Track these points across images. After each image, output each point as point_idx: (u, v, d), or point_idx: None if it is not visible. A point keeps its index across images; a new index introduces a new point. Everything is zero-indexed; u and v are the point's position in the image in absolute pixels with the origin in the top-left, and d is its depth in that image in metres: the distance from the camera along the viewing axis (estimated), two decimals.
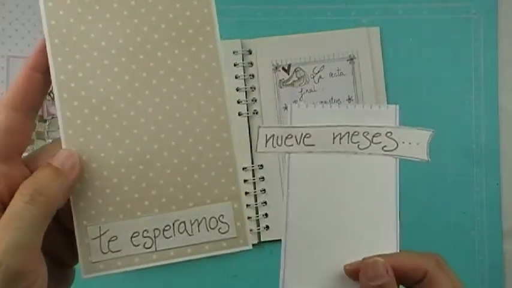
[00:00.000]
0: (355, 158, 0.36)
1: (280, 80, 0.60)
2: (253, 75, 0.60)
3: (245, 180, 0.58)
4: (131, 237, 0.30)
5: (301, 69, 0.60)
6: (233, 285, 0.54)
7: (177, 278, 0.58)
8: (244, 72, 0.59)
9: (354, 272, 0.34)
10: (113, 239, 0.30)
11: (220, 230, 0.31)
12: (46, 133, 0.57)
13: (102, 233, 0.30)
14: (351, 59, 0.60)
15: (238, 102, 0.59)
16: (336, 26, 0.61)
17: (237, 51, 0.59)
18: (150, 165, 0.31)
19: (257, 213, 0.58)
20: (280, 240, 0.61)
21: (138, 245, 0.30)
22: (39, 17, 0.60)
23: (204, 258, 0.31)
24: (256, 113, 0.59)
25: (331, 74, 0.60)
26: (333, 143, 0.36)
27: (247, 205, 0.58)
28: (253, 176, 0.59)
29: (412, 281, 0.33)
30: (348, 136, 0.36)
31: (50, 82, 0.31)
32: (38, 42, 0.31)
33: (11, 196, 0.28)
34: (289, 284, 0.36)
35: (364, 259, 0.34)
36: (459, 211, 0.61)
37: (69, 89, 0.31)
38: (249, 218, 0.58)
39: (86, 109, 0.31)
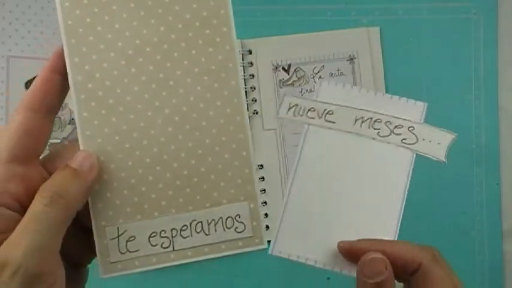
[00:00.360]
0: (372, 144, 0.36)
1: (280, 80, 0.60)
2: (253, 75, 0.60)
3: None
4: (149, 238, 0.30)
5: (301, 69, 0.60)
6: (235, 284, 0.54)
7: (179, 276, 0.58)
8: (244, 72, 0.59)
9: (347, 251, 0.33)
10: (131, 239, 0.30)
11: (236, 230, 0.31)
12: None
13: (120, 233, 0.30)
14: (351, 59, 0.60)
15: None
16: (336, 26, 0.61)
17: None
18: (167, 165, 0.31)
19: None
20: None
21: (155, 245, 0.30)
22: (39, 17, 0.60)
23: None
24: (256, 113, 0.59)
25: (331, 74, 0.60)
26: (354, 124, 0.36)
27: None
28: None
29: (406, 272, 0.33)
30: (370, 121, 0.36)
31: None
32: (57, 46, 0.31)
33: (30, 198, 0.28)
34: (280, 247, 0.35)
35: (359, 241, 0.33)
36: (459, 211, 0.61)
37: (86, 90, 0.30)
38: None
39: (103, 110, 0.30)
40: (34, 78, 0.62)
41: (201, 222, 0.31)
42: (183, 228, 0.31)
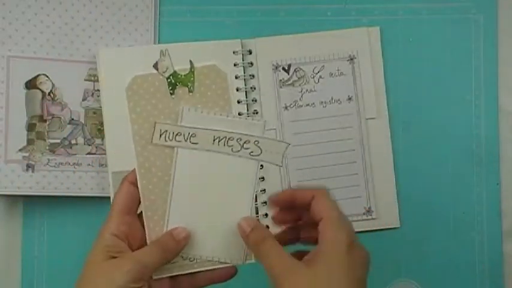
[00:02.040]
0: (228, 159, 0.48)
1: (280, 80, 0.60)
2: (253, 75, 0.60)
3: None
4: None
5: (301, 69, 0.60)
6: (233, 282, 0.54)
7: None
8: (244, 72, 0.59)
9: (276, 202, 0.51)
10: None
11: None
12: (46, 133, 0.57)
13: None
14: (351, 59, 0.60)
15: (238, 102, 0.59)
16: (336, 26, 0.61)
17: (237, 51, 0.59)
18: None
19: (257, 213, 0.58)
20: None
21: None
22: (39, 17, 0.60)
23: None
24: (256, 113, 0.59)
25: (331, 74, 0.60)
26: (213, 143, 0.48)
27: None
28: None
29: (305, 204, 0.45)
30: (225, 139, 0.48)
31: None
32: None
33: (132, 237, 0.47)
34: None
35: (280, 193, 0.50)
36: (459, 211, 0.61)
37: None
38: None
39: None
40: (34, 78, 0.63)
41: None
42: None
